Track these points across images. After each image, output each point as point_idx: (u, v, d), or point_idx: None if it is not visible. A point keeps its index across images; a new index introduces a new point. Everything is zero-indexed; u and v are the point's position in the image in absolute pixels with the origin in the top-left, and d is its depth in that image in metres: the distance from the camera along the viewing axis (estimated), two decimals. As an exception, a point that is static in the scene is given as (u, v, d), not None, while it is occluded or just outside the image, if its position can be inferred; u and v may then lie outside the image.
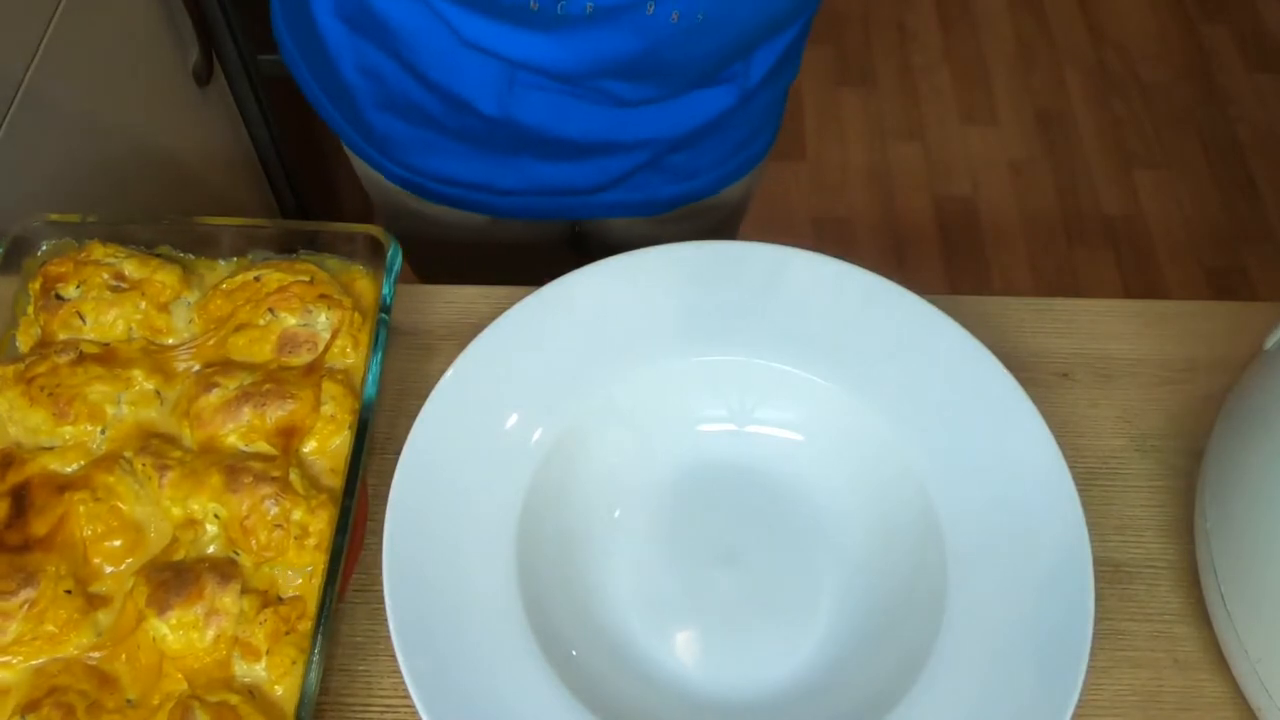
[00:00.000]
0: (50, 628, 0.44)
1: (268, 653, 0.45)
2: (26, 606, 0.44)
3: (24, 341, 0.54)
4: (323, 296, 0.53)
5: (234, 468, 0.48)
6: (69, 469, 0.49)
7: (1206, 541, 0.47)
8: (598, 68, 0.62)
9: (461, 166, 0.71)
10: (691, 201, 0.77)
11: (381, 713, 0.48)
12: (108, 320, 0.53)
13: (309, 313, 0.53)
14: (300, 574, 0.47)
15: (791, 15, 0.66)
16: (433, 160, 0.71)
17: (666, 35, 0.59)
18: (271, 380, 0.51)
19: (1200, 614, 0.51)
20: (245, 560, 0.47)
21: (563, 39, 0.60)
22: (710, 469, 0.54)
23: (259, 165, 1.26)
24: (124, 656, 0.45)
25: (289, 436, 0.50)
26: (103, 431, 0.50)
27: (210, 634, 0.45)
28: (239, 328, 0.53)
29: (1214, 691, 0.49)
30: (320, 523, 0.47)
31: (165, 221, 0.56)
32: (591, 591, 0.51)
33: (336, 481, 0.50)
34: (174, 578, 0.45)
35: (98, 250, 0.54)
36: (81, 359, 0.51)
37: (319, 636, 0.44)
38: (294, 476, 0.48)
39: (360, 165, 0.77)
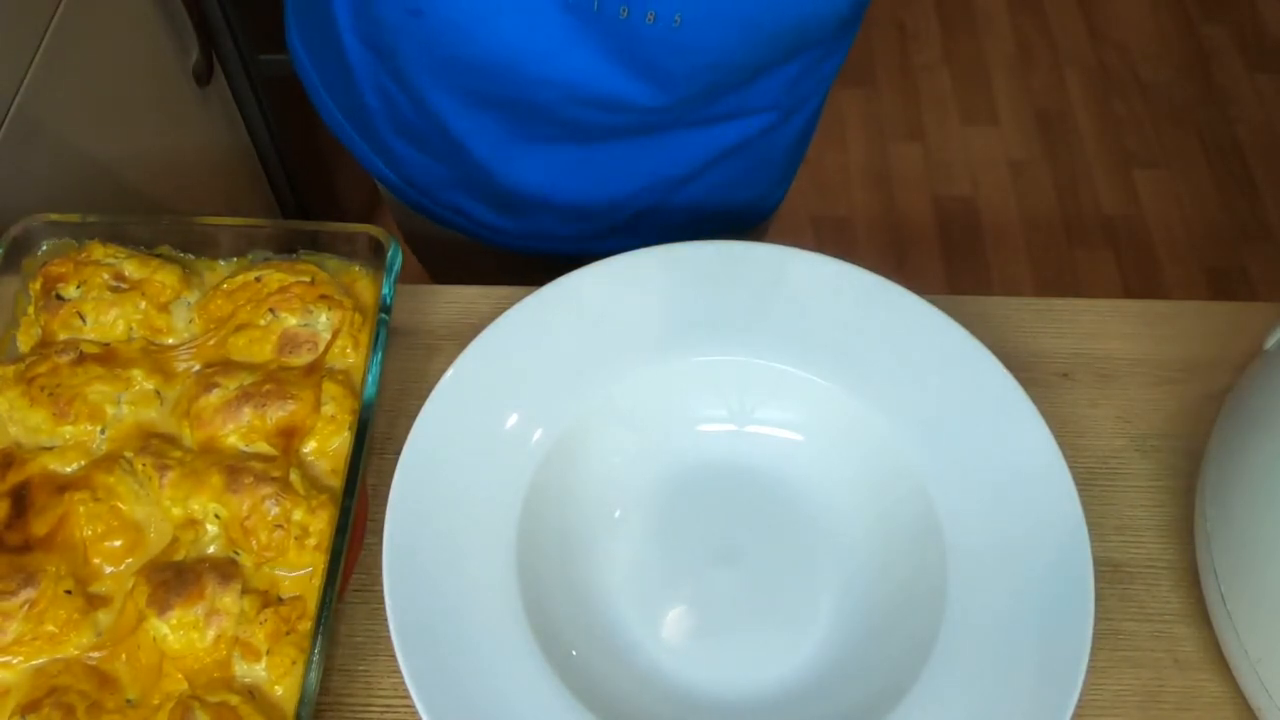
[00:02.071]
0: (50, 628, 0.44)
1: (268, 653, 0.45)
2: (26, 606, 0.44)
3: (24, 341, 0.54)
4: (323, 297, 0.53)
5: (234, 468, 0.48)
6: (69, 469, 0.49)
7: (1206, 541, 0.47)
8: (574, 90, 0.60)
9: (465, 200, 0.71)
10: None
11: (381, 713, 0.48)
12: (108, 320, 0.53)
13: (309, 313, 0.53)
14: (300, 574, 0.47)
15: (786, 40, 0.61)
16: (441, 191, 0.72)
17: (641, 44, 0.56)
18: (272, 380, 0.51)
19: (1200, 614, 0.51)
20: (246, 560, 0.47)
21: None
22: (710, 469, 0.54)
23: (259, 165, 1.26)
24: (124, 656, 0.45)
25: (289, 437, 0.50)
26: (103, 431, 0.50)
27: (210, 634, 0.45)
28: (239, 328, 0.53)
29: (1214, 691, 0.49)
30: (320, 523, 0.47)
31: (165, 221, 0.56)
32: (592, 591, 0.51)
33: (337, 482, 0.50)
34: (174, 578, 0.45)
35: (98, 250, 0.54)
36: (81, 359, 0.51)
37: (319, 636, 0.44)
38: (294, 477, 0.48)
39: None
